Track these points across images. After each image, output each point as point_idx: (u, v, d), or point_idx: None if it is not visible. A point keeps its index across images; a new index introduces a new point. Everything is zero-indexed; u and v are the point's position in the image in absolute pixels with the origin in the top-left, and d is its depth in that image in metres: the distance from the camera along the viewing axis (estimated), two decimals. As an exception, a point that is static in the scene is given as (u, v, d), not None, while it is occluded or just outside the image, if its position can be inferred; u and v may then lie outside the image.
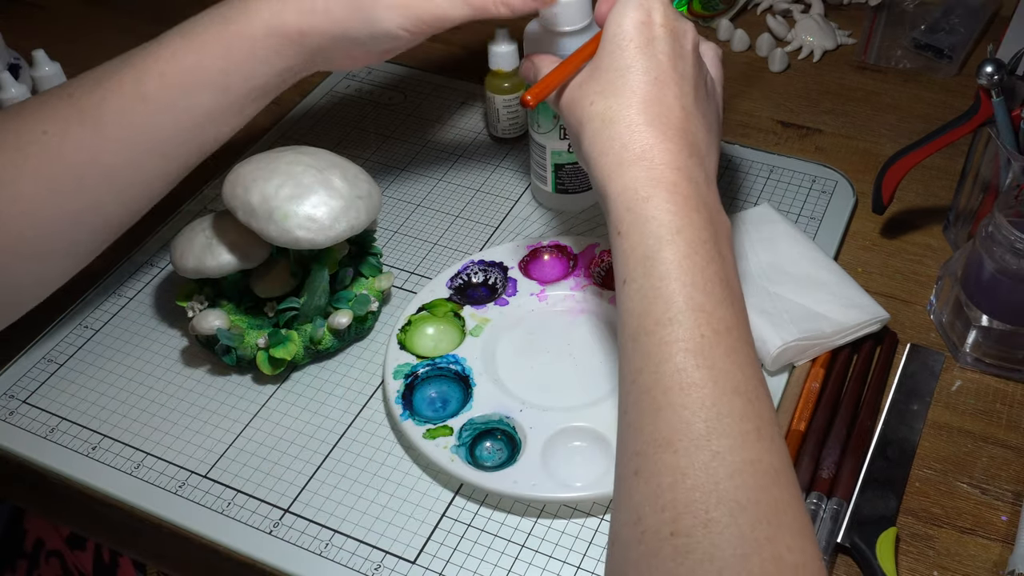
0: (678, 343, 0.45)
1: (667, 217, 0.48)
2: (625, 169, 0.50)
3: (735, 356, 0.45)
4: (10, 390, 0.64)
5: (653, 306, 0.47)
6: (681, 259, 0.47)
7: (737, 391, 0.44)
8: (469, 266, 0.69)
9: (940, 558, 0.54)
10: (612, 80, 0.52)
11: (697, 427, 0.43)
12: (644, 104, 0.51)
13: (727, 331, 0.46)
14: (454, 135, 0.84)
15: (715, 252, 0.48)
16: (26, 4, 1.04)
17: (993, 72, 0.63)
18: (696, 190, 0.50)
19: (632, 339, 0.47)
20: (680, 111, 0.52)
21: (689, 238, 0.48)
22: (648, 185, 0.49)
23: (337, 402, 0.63)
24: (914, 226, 0.74)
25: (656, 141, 0.50)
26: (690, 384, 0.44)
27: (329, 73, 0.92)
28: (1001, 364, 0.63)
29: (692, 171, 0.50)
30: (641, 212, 0.49)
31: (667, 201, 0.49)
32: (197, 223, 0.64)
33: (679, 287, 0.46)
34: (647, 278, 0.47)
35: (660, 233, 0.48)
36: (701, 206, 0.49)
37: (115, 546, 0.71)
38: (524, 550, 0.55)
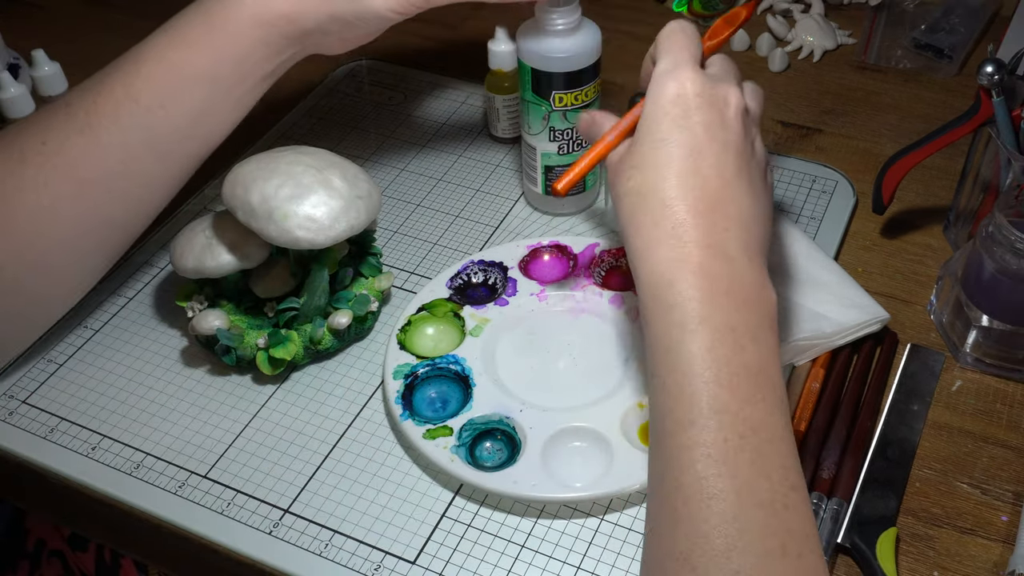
0: (700, 448, 0.43)
1: (691, 304, 0.46)
2: (653, 250, 0.48)
3: (761, 462, 0.43)
4: (10, 390, 0.64)
5: (676, 405, 0.44)
6: (704, 352, 0.44)
7: (761, 503, 0.42)
8: (469, 266, 0.69)
9: (940, 558, 0.54)
10: (646, 154, 0.50)
11: (716, 543, 0.41)
12: (678, 177, 0.49)
13: (753, 432, 0.43)
14: (454, 135, 0.84)
15: (746, 339, 0.45)
16: (26, 4, 1.04)
17: (993, 72, 0.63)
18: (728, 268, 0.47)
19: (658, 440, 0.45)
20: (717, 181, 0.49)
21: (714, 326, 0.45)
22: (673, 267, 0.47)
23: (337, 402, 0.63)
24: (914, 226, 0.74)
25: (687, 216, 0.48)
26: (711, 496, 0.42)
27: (329, 73, 0.92)
28: (1001, 364, 0.63)
29: (727, 246, 0.47)
30: (664, 299, 0.46)
31: (692, 286, 0.46)
32: (197, 223, 0.64)
33: (701, 385, 0.44)
34: (670, 373, 0.45)
35: (683, 322, 0.45)
36: (733, 287, 0.46)
37: (115, 546, 0.71)
38: (524, 550, 0.55)
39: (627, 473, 0.55)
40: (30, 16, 1.02)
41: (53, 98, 0.80)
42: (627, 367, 0.62)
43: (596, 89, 0.70)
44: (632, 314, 0.65)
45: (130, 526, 0.58)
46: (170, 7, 0.63)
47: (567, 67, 0.67)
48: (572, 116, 0.69)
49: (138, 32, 0.62)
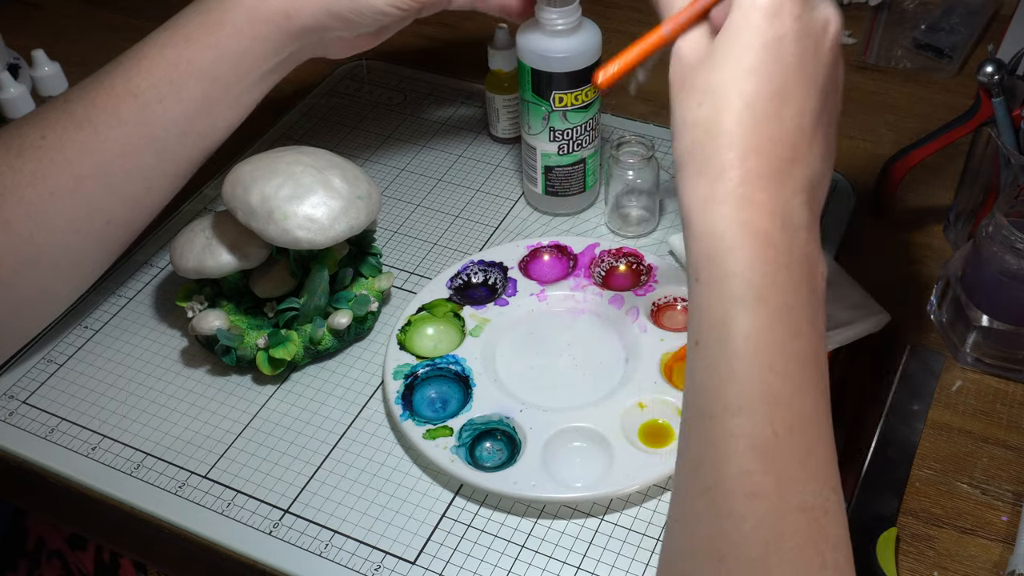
0: (746, 439, 0.40)
1: (753, 276, 0.41)
2: (715, 205, 0.42)
3: (807, 459, 0.40)
4: (10, 390, 0.64)
5: (724, 387, 0.41)
6: (762, 332, 0.41)
7: (803, 507, 0.39)
8: (469, 266, 0.69)
9: (940, 558, 0.54)
10: (727, 82, 0.43)
11: (755, 547, 0.39)
12: (756, 123, 0.43)
13: (802, 426, 0.41)
14: (454, 135, 0.84)
15: (803, 321, 0.42)
16: (26, 4, 1.04)
17: (993, 72, 0.63)
18: (793, 240, 0.43)
19: (697, 419, 0.42)
20: (797, 134, 0.43)
21: (774, 306, 0.41)
22: (737, 231, 0.42)
23: (337, 402, 0.63)
24: (914, 226, 0.74)
25: (759, 175, 0.42)
26: (753, 493, 0.39)
27: (329, 73, 0.92)
28: (1001, 364, 0.63)
29: (794, 214, 0.43)
30: (722, 264, 0.42)
31: (755, 257, 0.42)
32: (197, 223, 0.64)
33: (755, 369, 0.41)
34: (720, 349, 0.42)
35: (742, 295, 0.41)
36: (795, 262, 0.42)
37: (115, 547, 0.71)
38: (524, 550, 0.55)
39: (627, 473, 0.55)
40: (30, 16, 1.02)
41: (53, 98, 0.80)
42: (627, 367, 0.62)
43: (596, 89, 0.70)
44: (632, 314, 0.65)
45: (130, 526, 0.58)
46: (170, 7, 0.63)
47: (567, 67, 0.67)
48: (572, 116, 0.69)
49: (138, 32, 0.62)
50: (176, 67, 0.59)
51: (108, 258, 0.63)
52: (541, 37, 0.67)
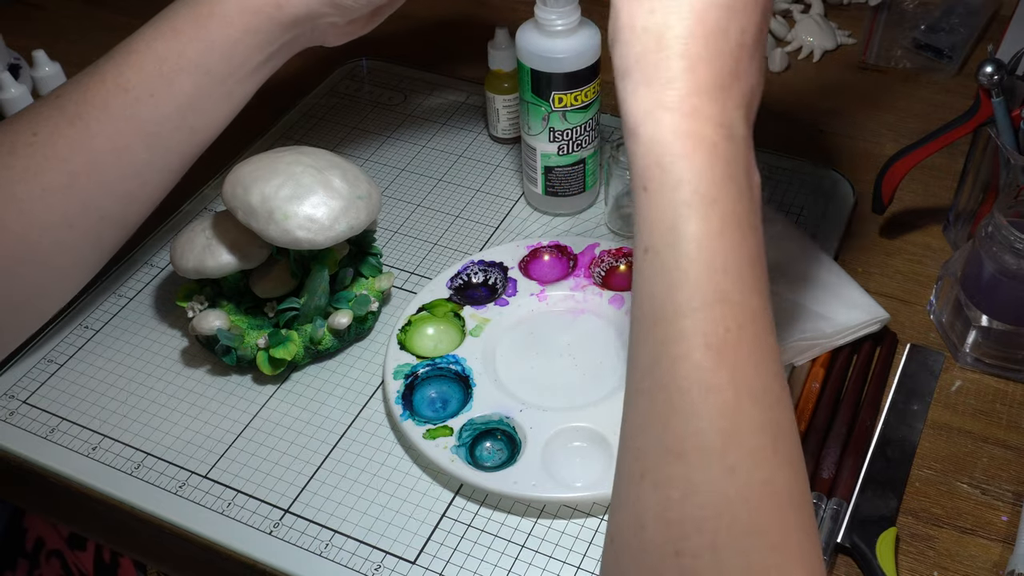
0: (700, 337, 0.41)
1: (703, 185, 0.42)
2: (663, 113, 0.43)
3: (757, 353, 0.42)
4: (10, 390, 0.64)
5: (676, 291, 0.42)
6: (713, 236, 0.42)
7: (756, 398, 0.41)
8: (469, 266, 0.69)
9: (940, 558, 0.54)
10: None
11: (712, 438, 0.40)
12: (706, 34, 0.44)
13: (752, 323, 0.42)
14: (454, 135, 0.84)
15: (747, 227, 0.43)
16: (26, 4, 1.04)
17: (993, 72, 0.63)
18: (735, 150, 0.44)
19: (649, 322, 0.43)
20: (739, 49, 0.45)
21: (724, 212, 0.43)
22: (686, 140, 0.43)
23: (337, 402, 0.63)
24: (914, 226, 0.74)
25: (706, 86, 0.44)
26: (708, 387, 0.41)
27: (329, 73, 0.92)
28: (1001, 364, 0.63)
29: (736, 126, 0.44)
30: (672, 171, 0.43)
31: (705, 165, 0.43)
32: (197, 223, 0.64)
33: (707, 271, 0.42)
34: (672, 253, 0.42)
35: (693, 202, 0.42)
36: (739, 171, 0.44)
37: (115, 546, 0.71)
38: (524, 550, 0.55)
39: (627, 473, 0.55)
40: (30, 16, 1.02)
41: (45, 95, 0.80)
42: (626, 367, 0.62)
43: (596, 89, 0.70)
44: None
45: (130, 526, 0.58)
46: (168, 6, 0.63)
47: (566, 68, 0.67)
48: (572, 116, 0.69)
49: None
50: (166, 60, 0.59)
51: (103, 255, 0.63)
52: (540, 37, 0.67)
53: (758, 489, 0.40)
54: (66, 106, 0.59)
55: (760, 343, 0.42)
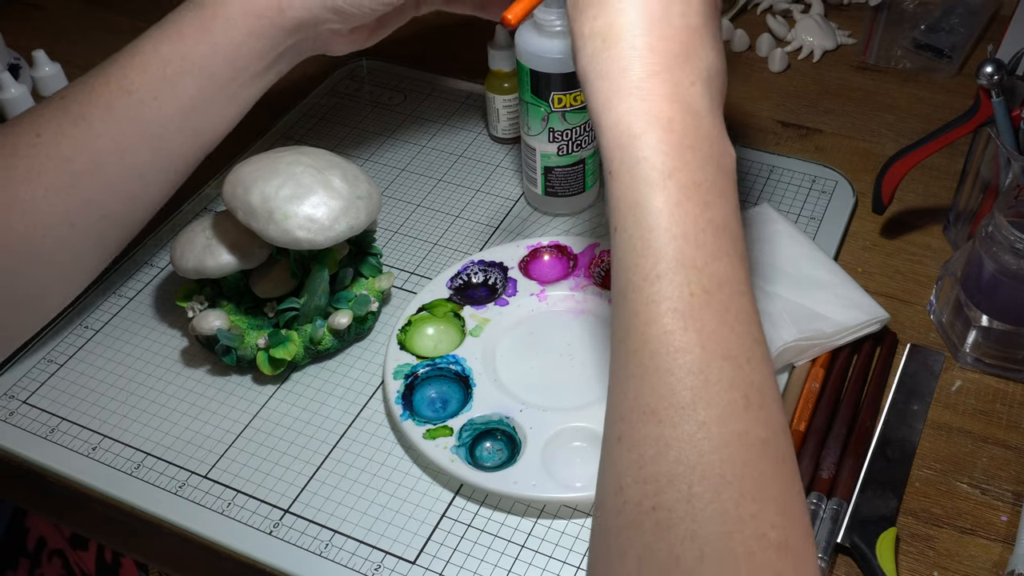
0: (666, 302, 0.43)
1: (659, 158, 0.45)
2: (621, 99, 0.46)
3: (727, 316, 0.43)
4: (10, 390, 0.64)
5: (642, 260, 0.44)
6: (672, 207, 0.44)
7: (727, 355, 0.42)
8: (469, 266, 0.69)
9: (940, 558, 0.54)
10: None
11: (682, 395, 0.42)
12: (649, 24, 0.47)
13: (719, 287, 0.44)
14: (454, 135, 0.84)
15: (712, 195, 0.45)
16: (26, 4, 1.04)
17: (993, 72, 0.63)
18: (696, 123, 0.46)
19: (621, 294, 0.45)
20: (686, 31, 0.47)
21: (682, 182, 0.45)
22: (642, 120, 0.46)
23: (337, 402, 0.63)
24: (914, 226, 0.74)
25: (659, 68, 0.46)
26: (677, 349, 0.42)
27: (329, 73, 0.92)
28: (1001, 364, 0.63)
29: (694, 101, 0.47)
30: (632, 151, 0.45)
31: (661, 140, 0.45)
32: (197, 223, 0.64)
33: (668, 239, 0.44)
34: (636, 228, 0.45)
35: (651, 177, 0.45)
36: (699, 142, 0.46)
37: (115, 546, 0.71)
38: (524, 550, 0.55)
39: (627, 473, 0.55)
40: (30, 16, 1.02)
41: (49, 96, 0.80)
42: (627, 367, 0.62)
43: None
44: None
45: (130, 526, 0.58)
46: (171, 7, 0.63)
47: (566, 68, 0.67)
48: (571, 117, 0.69)
49: (139, 32, 0.62)
50: (170, 63, 0.60)
51: (105, 256, 0.63)
52: (539, 38, 0.67)
53: (731, 440, 0.41)
54: (70, 107, 0.59)
55: (730, 306, 0.44)
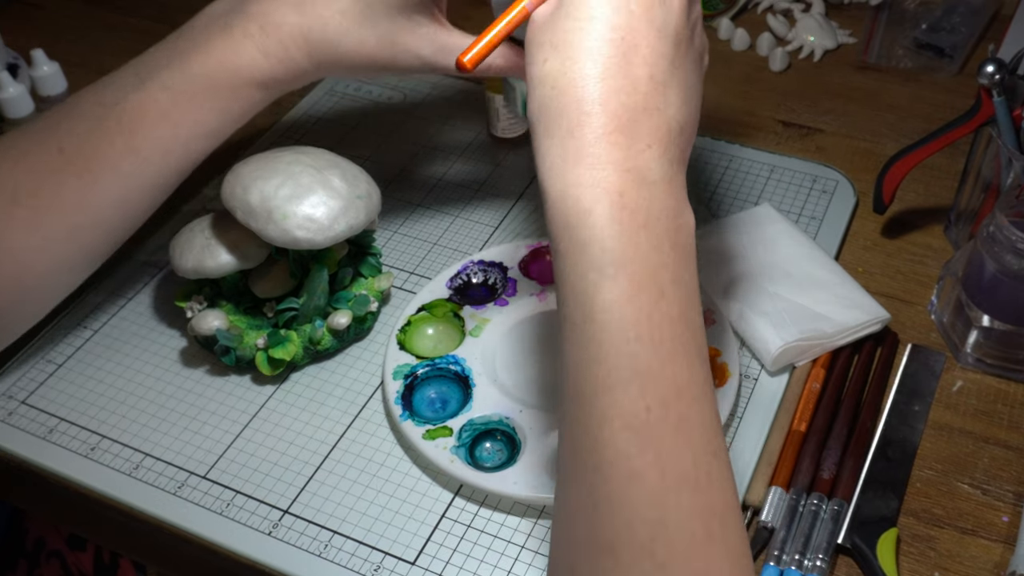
0: (619, 419, 0.39)
1: (609, 243, 0.40)
2: (568, 166, 0.41)
3: (685, 430, 0.39)
4: (9, 390, 0.64)
5: (593, 366, 0.40)
6: (624, 303, 0.40)
7: (685, 480, 0.38)
8: (469, 266, 0.69)
9: (941, 559, 0.54)
10: (570, 33, 0.42)
11: (640, 532, 0.38)
12: (603, 74, 0.41)
13: (676, 396, 0.39)
14: (454, 135, 0.84)
15: (666, 281, 0.41)
16: (25, 3, 1.04)
17: (994, 72, 0.63)
18: (650, 195, 0.41)
19: (572, 399, 0.41)
20: (648, 82, 0.42)
21: (634, 272, 0.40)
22: (591, 193, 0.41)
23: (337, 402, 0.63)
24: (915, 226, 0.74)
25: (611, 127, 0.41)
26: (632, 474, 0.38)
27: (329, 73, 0.92)
28: (1002, 364, 0.63)
29: (648, 167, 0.42)
30: (579, 232, 0.41)
31: (610, 219, 0.40)
32: (196, 223, 0.64)
33: (622, 342, 0.39)
34: (585, 323, 0.40)
35: (601, 264, 0.40)
36: (653, 218, 0.41)
37: (114, 547, 0.71)
38: (524, 550, 0.55)
39: (627, 473, 0.55)
40: (30, 16, 1.02)
41: (52, 98, 0.80)
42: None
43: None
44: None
45: (130, 527, 0.58)
46: (170, 7, 0.63)
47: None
48: None
49: (137, 32, 0.62)
50: (182, 128, 0.58)
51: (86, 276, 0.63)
52: None
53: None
54: (72, 161, 0.57)
55: (689, 419, 0.40)
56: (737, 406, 0.61)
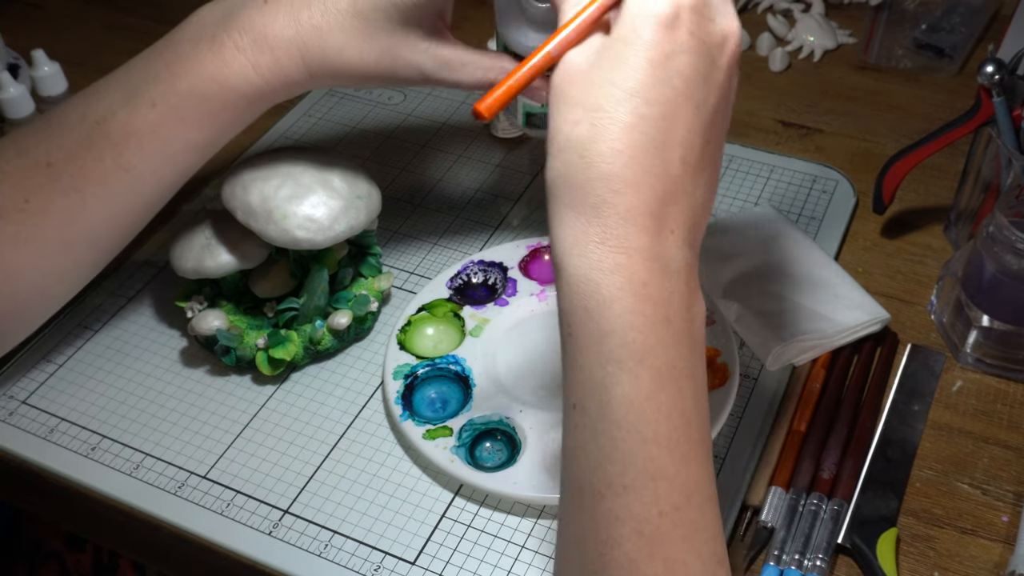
0: (631, 522, 0.38)
1: (631, 335, 0.38)
2: (589, 248, 0.39)
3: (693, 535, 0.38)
4: (10, 390, 0.64)
5: (606, 463, 0.38)
6: (644, 400, 0.38)
7: None
8: (469, 266, 0.69)
9: (941, 559, 0.54)
10: (607, 100, 0.39)
11: None
12: (636, 153, 0.39)
13: (687, 500, 0.38)
14: (454, 135, 0.84)
15: (684, 378, 0.39)
16: (25, 4, 1.04)
17: (994, 72, 0.63)
18: (672, 286, 0.39)
19: (578, 492, 0.40)
20: (680, 164, 0.40)
21: (655, 368, 0.38)
22: (613, 280, 0.38)
23: (337, 402, 0.63)
24: (915, 226, 0.74)
25: (640, 211, 0.39)
26: None
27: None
28: (1002, 364, 0.63)
29: (673, 257, 0.40)
30: (599, 320, 0.39)
31: (633, 312, 0.38)
32: (196, 223, 0.64)
33: (638, 443, 0.38)
34: (600, 418, 0.39)
35: (620, 357, 0.38)
36: (674, 313, 0.39)
37: (114, 547, 0.71)
38: (524, 550, 0.55)
39: (627, 473, 0.55)
40: (30, 16, 1.02)
41: (53, 98, 0.80)
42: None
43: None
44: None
45: (130, 527, 0.58)
46: (170, 6, 0.63)
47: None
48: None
49: (138, 31, 0.62)
50: (172, 144, 0.56)
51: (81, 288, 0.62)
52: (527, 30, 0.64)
53: None
54: (60, 176, 0.56)
55: (698, 524, 0.39)
56: (737, 406, 0.61)
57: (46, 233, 0.56)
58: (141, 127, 0.55)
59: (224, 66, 0.55)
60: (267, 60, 0.55)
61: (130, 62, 0.58)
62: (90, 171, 0.56)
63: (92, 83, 0.58)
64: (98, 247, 0.59)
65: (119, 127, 0.55)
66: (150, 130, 0.55)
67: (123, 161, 0.55)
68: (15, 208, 0.55)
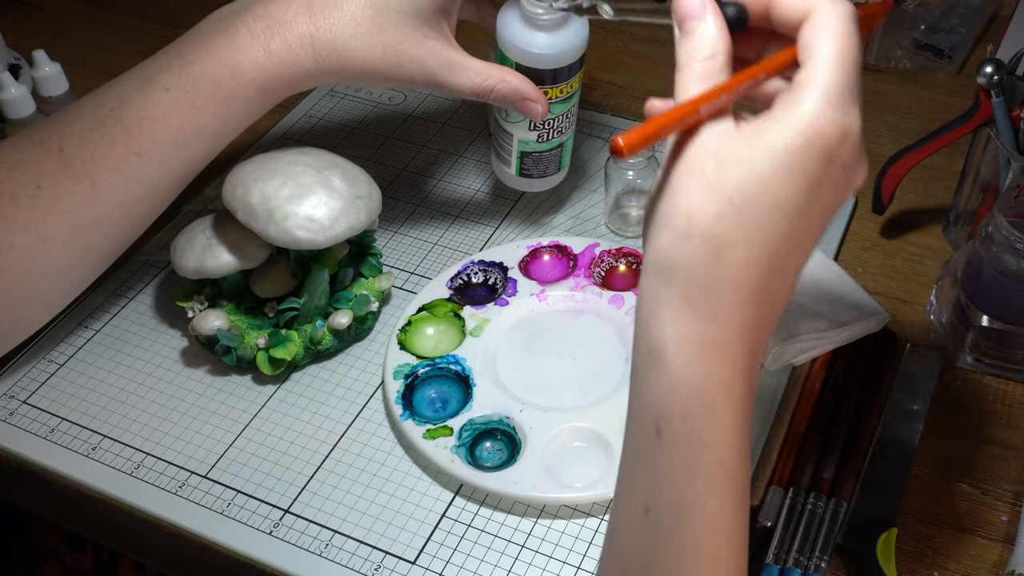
0: None
1: (726, 454, 0.38)
2: (701, 350, 0.38)
3: None
4: (10, 390, 0.64)
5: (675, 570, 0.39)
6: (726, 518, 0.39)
7: None
8: (469, 266, 0.69)
9: (940, 558, 0.54)
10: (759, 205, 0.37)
11: None
12: (769, 270, 0.38)
13: None
14: (454, 135, 0.84)
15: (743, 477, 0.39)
16: (26, 4, 1.04)
17: (993, 72, 0.63)
18: (751, 392, 0.39)
19: None
20: (786, 290, 0.39)
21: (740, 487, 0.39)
22: (716, 393, 0.38)
23: (337, 402, 0.63)
24: (914, 226, 0.74)
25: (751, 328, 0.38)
26: None
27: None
28: (1001, 364, 0.63)
29: (756, 367, 0.40)
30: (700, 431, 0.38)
31: (732, 431, 0.38)
32: (197, 223, 0.64)
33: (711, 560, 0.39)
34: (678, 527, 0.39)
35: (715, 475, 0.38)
36: (748, 421, 0.39)
37: (115, 547, 0.71)
38: (524, 550, 0.55)
39: (627, 473, 0.55)
40: (30, 16, 1.02)
41: (54, 99, 0.80)
42: (627, 367, 0.62)
43: (580, 79, 0.68)
44: (632, 314, 0.65)
45: (130, 526, 0.58)
46: (170, 6, 0.63)
47: (554, 64, 0.64)
48: (555, 107, 0.66)
49: (138, 32, 0.62)
50: (182, 131, 0.58)
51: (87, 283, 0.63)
52: (526, 30, 0.64)
53: None
54: (72, 162, 0.57)
55: None
56: (737, 406, 0.61)
57: (56, 219, 0.57)
58: (154, 111, 0.57)
59: (236, 50, 0.57)
60: (279, 45, 0.58)
61: (151, 57, 0.60)
62: (101, 156, 0.57)
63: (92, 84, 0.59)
64: (106, 237, 0.60)
65: (133, 112, 0.57)
66: (162, 115, 0.57)
67: (134, 147, 0.57)
68: (26, 194, 0.57)
